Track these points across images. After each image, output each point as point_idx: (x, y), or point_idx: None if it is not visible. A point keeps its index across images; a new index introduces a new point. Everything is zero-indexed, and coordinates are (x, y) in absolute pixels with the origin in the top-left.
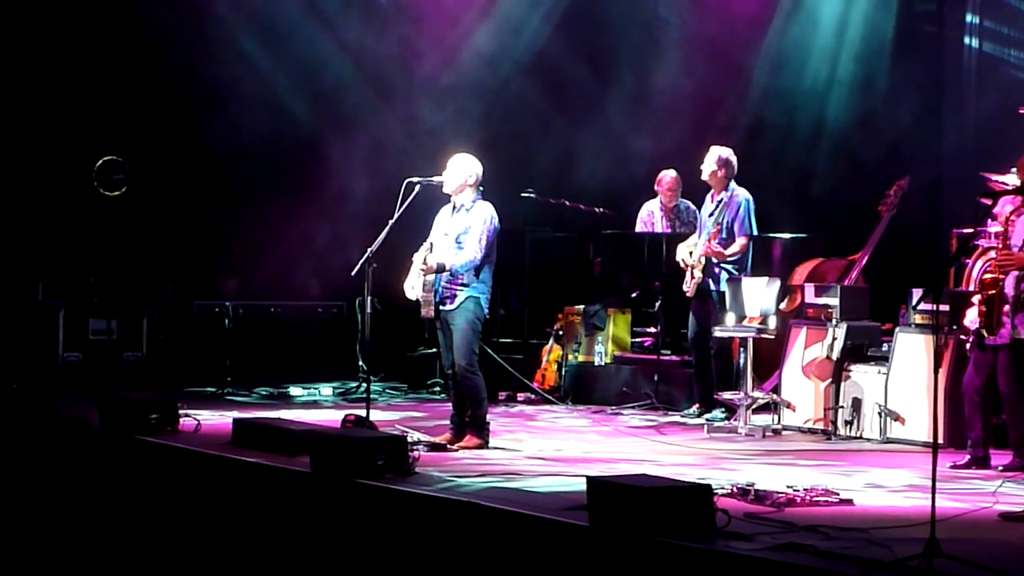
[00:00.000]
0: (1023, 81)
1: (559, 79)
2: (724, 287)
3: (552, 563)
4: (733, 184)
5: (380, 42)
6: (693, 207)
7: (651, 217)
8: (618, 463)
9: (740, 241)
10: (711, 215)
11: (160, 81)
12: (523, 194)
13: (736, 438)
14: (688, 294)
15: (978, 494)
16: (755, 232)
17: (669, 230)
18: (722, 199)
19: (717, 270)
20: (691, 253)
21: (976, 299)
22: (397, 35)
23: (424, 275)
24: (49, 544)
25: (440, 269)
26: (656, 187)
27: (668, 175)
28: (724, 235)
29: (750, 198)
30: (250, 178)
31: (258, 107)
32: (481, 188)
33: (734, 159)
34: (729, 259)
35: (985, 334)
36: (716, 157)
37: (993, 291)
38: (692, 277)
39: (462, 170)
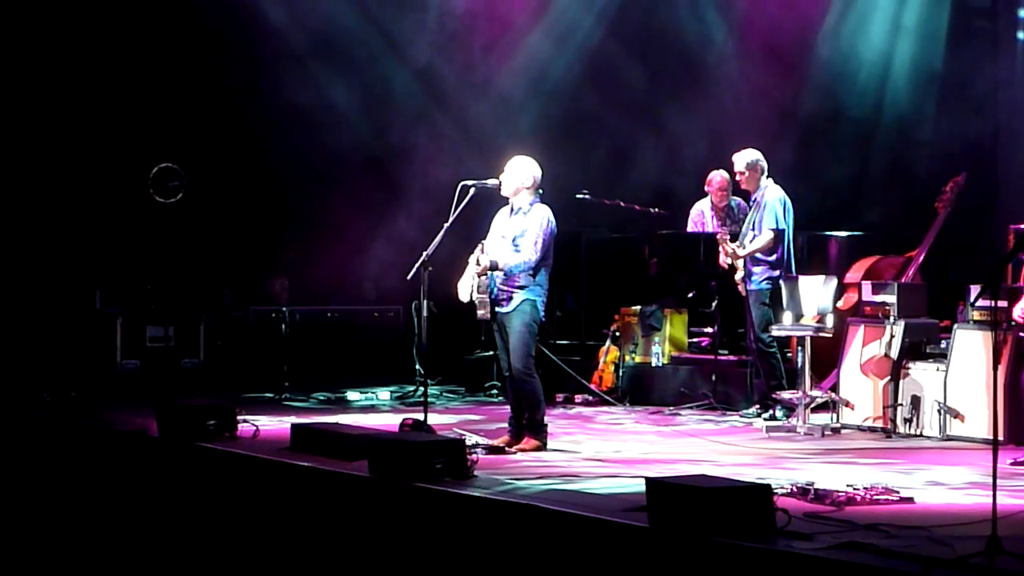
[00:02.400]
0: None
1: (613, 80)
2: (757, 285)
3: (612, 565)
4: (767, 182)
5: (431, 44)
6: (744, 205)
7: (701, 217)
8: (677, 464)
9: (763, 238)
10: (748, 215)
11: (215, 87)
12: (578, 196)
13: (795, 437)
14: (741, 292)
15: None
16: (782, 227)
17: (719, 229)
18: (755, 199)
19: (751, 268)
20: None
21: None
22: (449, 37)
23: (478, 276)
24: (112, 551)
25: (493, 268)
26: (706, 188)
27: (718, 175)
28: (757, 233)
29: (781, 194)
30: (305, 183)
31: (311, 113)
32: (540, 191)
33: (762, 159)
34: (760, 256)
35: None
36: (744, 162)
37: None
38: (739, 275)
39: (520, 173)
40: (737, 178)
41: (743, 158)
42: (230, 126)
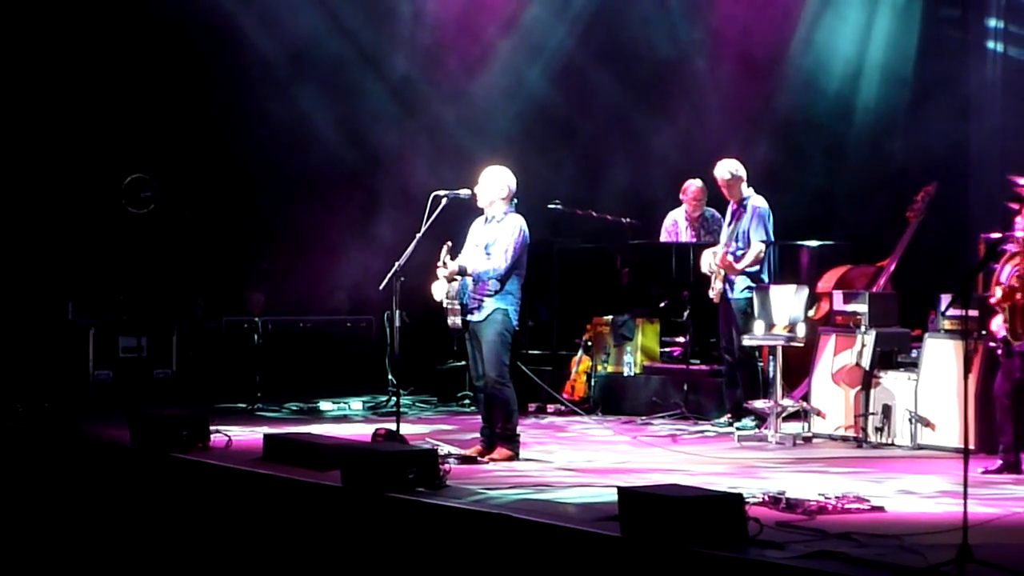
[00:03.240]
0: None
1: (585, 90)
2: (738, 295)
3: (584, 574)
4: (749, 191)
5: (406, 56)
6: (718, 215)
7: (675, 227)
8: (649, 473)
9: (754, 250)
10: (728, 225)
11: (188, 97)
12: (550, 206)
13: (767, 446)
14: (714, 300)
15: (1010, 499)
16: (770, 239)
17: (694, 239)
18: (742, 205)
19: (732, 278)
20: (711, 263)
21: (1000, 305)
22: (422, 49)
23: (447, 280)
24: (83, 562)
25: (462, 272)
26: (681, 196)
27: (694, 185)
28: (740, 244)
29: (765, 205)
30: (278, 193)
31: (284, 123)
32: (515, 200)
33: (741, 168)
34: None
35: (1011, 340)
36: (727, 170)
37: (1020, 296)
38: (715, 286)
39: (494, 183)
40: (721, 186)
41: (726, 167)
42: (203, 136)
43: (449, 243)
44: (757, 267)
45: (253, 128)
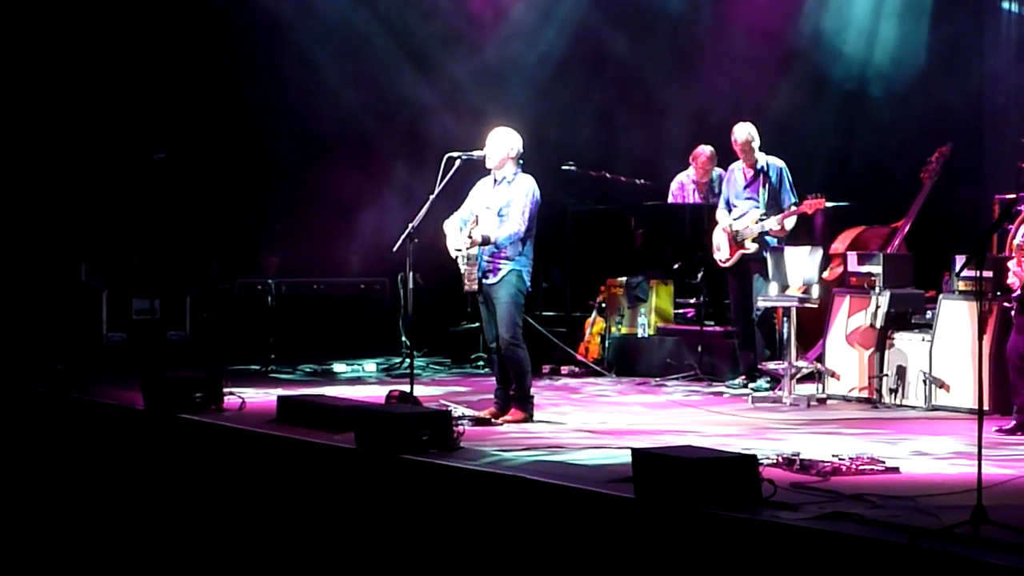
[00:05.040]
0: None
1: (598, 52)
2: (763, 256)
3: (598, 535)
4: (762, 155)
5: (419, 17)
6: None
7: (682, 190)
8: (663, 434)
9: (794, 210)
10: (747, 187)
11: (198, 59)
12: (564, 167)
13: (781, 408)
14: (725, 264)
15: None
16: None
17: (703, 201)
18: (760, 170)
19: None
20: (736, 231)
21: (1013, 263)
22: (437, 8)
23: (468, 248)
24: (98, 524)
25: (486, 242)
26: (691, 161)
27: (705, 151)
28: (768, 204)
29: (785, 166)
30: (291, 154)
31: (298, 84)
32: (521, 161)
33: (755, 130)
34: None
35: None
36: (745, 133)
37: None
38: (739, 248)
39: (503, 144)
40: (738, 149)
41: (747, 129)
42: (215, 97)
43: (476, 216)
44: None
45: (266, 88)
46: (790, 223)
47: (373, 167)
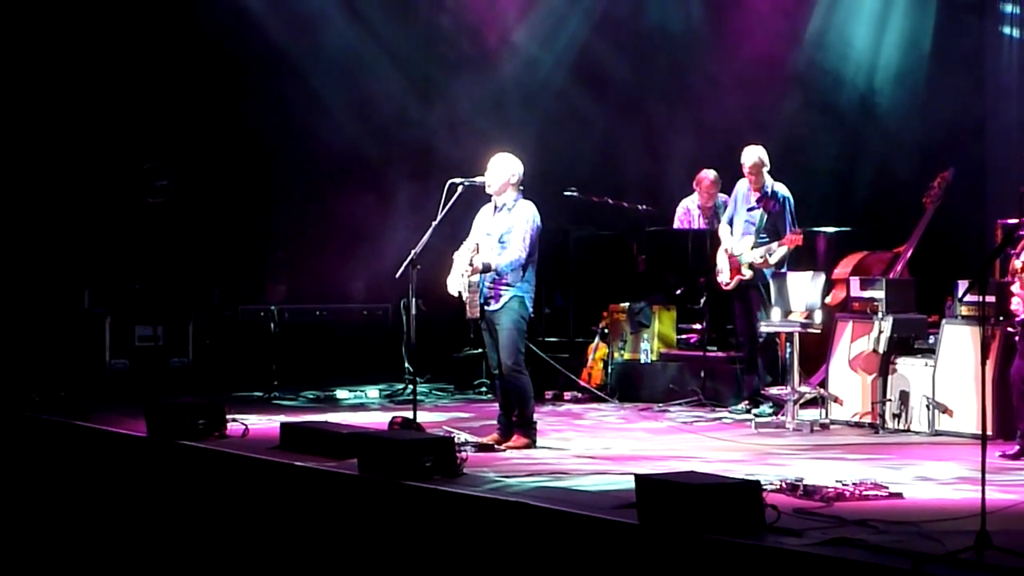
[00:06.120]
0: None
1: (600, 77)
2: (764, 280)
3: (602, 562)
4: (770, 180)
5: (422, 44)
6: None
7: (688, 215)
8: (666, 460)
9: (773, 245)
10: (751, 210)
11: (203, 86)
12: (566, 193)
13: (784, 433)
14: (727, 288)
15: None
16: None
17: (707, 227)
18: (765, 194)
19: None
20: (736, 253)
21: (1016, 287)
22: (439, 37)
23: (469, 276)
24: (101, 551)
25: (486, 269)
26: (695, 186)
27: (708, 176)
28: (767, 236)
29: (790, 195)
30: (293, 182)
31: (303, 111)
32: (522, 187)
33: (767, 156)
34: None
35: None
36: (755, 157)
37: None
38: (737, 274)
39: (504, 170)
40: (747, 172)
41: (756, 153)
42: (219, 124)
43: (478, 243)
44: None
45: (270, 116)
46: (775, 257)
47: (377, 194)
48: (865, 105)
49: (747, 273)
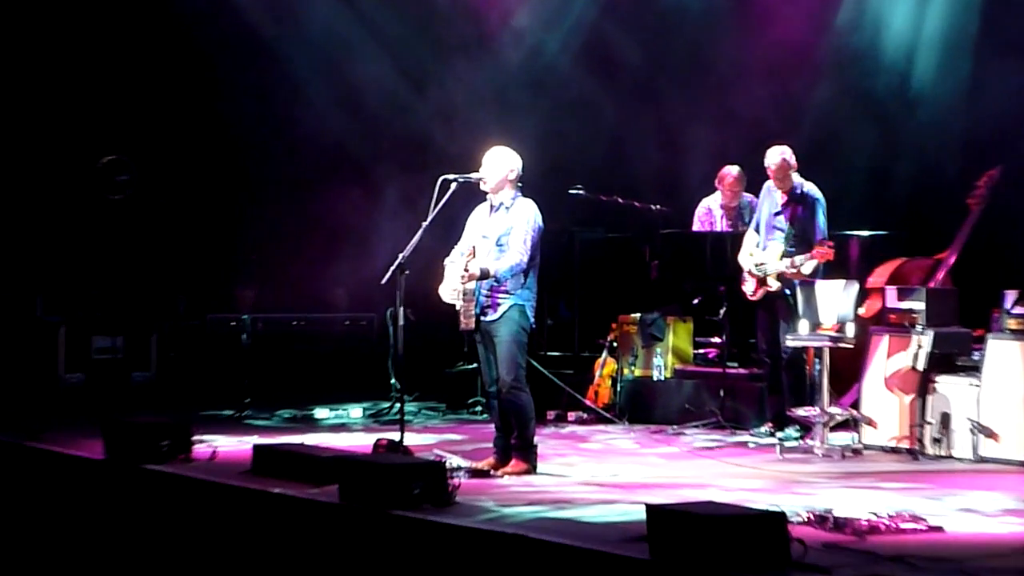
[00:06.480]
0: None
1: (610, 62)
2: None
3: None
4: (799, 179)
5: (415, 26)
6: (756, 201)
7: (709, 215)
8: (681, 489)
9: (806, 256)
10: (777, 214)
11: (168, 72)
12: (571, 191)
13: (812, 459)
14: (753, 298)
15: None
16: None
17: (730, 229)
18: (795, 196)
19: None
20: (760, 264)
21: None
22: (433, 18)
23: (464, 283)
24: None
25: (484, 276)
26: (717, 184)
27: (732, 172)
28: (794, 242)
29: (822, 197)
30: (270, 178)
31: (281, 100)
32: (520, 184)
33: (793, 156)
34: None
35: None
36: (779, 157)
37: None
38: (762, 284)
39: (501, 165)
40: (772, 173)
41: (780, 153)
42: (188, 113)
43: (474, 247)
44: None
45: (244, 104)
46: (807, 268)
47: (363, 191)
48: (904, 94)
49: (774, 284)
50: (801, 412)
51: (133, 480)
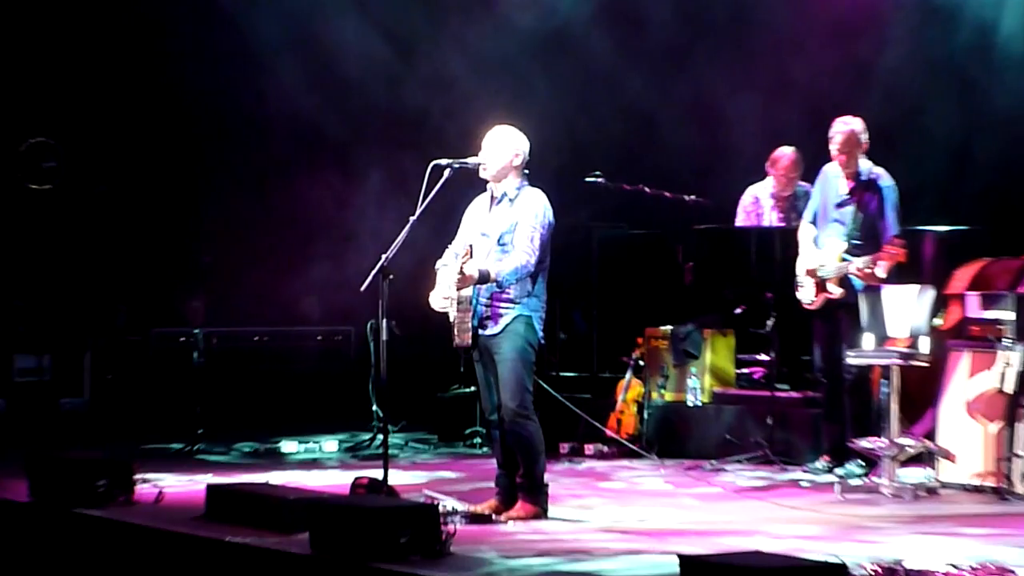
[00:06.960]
0: None
1: (635, 23)
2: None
3: None
4: (868, 164)
5: None
6: (812, 191)
7: (757, 206)
8: (721, 536)
9: (880, 256)
10: (840, 204)
11: (110, 36)
12: (588, 178)
13: (878, 500)
14: (810, 308)
15: None
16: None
17: (782, 223)
18: (862, 182)
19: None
20: (821, 265)
21: None
22: None
23: (459, 289)
24: None
25: (483, 280)
26: (768, 169)
27: (786, 154)
28: (862, 234)
29: (894, 184)
30: (230, 163)
31: (243, 71)
32: (526, 172)
33: (866, 133)
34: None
35: None
36: (848, 129)
37: None
38: (821, 290)
39: (505, 148)
40: (837, 152)
41: (848, 125)
42: (128, 88)
43: (471, 246)
44: None
45: (198, 76)
46: (880, 271)
47: (339, 178)
48: (988, 66)
49: (835, 291)
50: (865, 444)
51: (63, 526)
